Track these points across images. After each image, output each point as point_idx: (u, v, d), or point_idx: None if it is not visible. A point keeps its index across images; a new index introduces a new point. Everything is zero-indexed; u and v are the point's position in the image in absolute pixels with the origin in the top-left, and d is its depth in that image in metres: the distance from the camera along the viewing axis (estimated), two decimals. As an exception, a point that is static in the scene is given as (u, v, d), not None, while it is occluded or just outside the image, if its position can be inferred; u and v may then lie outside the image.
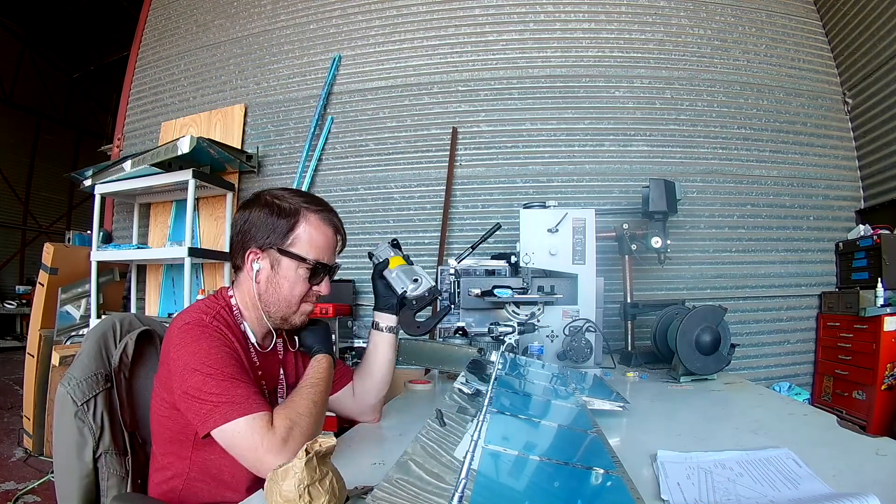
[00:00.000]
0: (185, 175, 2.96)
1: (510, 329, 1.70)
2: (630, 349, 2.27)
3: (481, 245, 2.27)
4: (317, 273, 0.99)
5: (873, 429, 2.39)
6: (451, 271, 2.06)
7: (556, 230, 1.97)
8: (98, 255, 3.20)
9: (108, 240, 3.55)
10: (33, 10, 7.65)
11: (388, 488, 0.57)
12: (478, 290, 1.86)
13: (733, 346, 1.63)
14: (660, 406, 1.41)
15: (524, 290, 1.91)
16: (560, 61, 3.15)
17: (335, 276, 1.06)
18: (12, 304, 7.38)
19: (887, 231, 2.69)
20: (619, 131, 3.07)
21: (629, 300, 2.34)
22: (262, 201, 0.97)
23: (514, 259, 2.05)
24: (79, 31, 8.12)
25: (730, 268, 2.98)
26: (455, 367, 1.58)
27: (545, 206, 2.08)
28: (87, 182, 3.31)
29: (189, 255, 2.90)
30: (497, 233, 2.26)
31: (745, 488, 0.73)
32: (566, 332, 1.83)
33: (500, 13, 3.23)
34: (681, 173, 2.95)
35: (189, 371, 0.83)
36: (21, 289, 7.88)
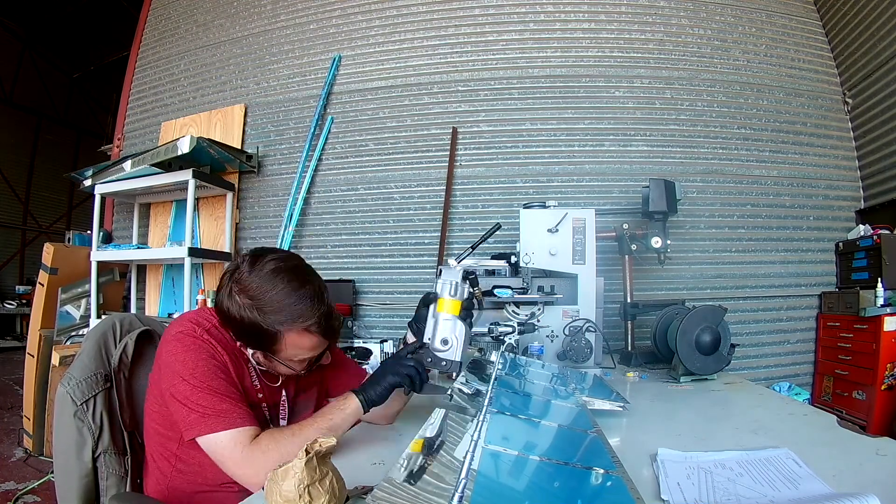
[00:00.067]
0: (185, 175, 2.96)
1: (510, 329, 1.70)
2: (630, 349, 2.27)
3: (481, 245, 2.26)
4: (311, 361, 0.98)
5: (873, 429, 2.39)
6: (451, 271, 2.05)
7: (556, 230, 1.97)
8: (98, 255, 3.20)
9: (108, 240, 3.55)
10: (33, 10, 7.65)
11: (388, 488, 0.57)
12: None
13: (733, 346, 1.63)
14: (660, 406, 1.41)
15: (524, 290, 1.91)
16: (560, 61, 3.15)
17: (339, 336, 1.02)
18: (12, 304, 7.38)
19: (887, 231, 2.69)
20: (619, 131, 3.07)
21: (629, 300, 2.34)
22: (241, 305, 0.88)
23: (514, 259, 2.05)
24: (79, 31, 8.11)
25: (730, 268, 2.98)
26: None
27: (545, 206, 2.08)
28: (87, 182, 3.31)
29: (189, 255, 2.91)
30: (497, 233, 2.24)
31: (745, 488, 0.73)
32: (566, 332, 1.83)
33: (500, 13, 3.23)
34: (681, 173, 2.95)
35: (178, 378, 0.87)
36: (21, 289, 7.87)
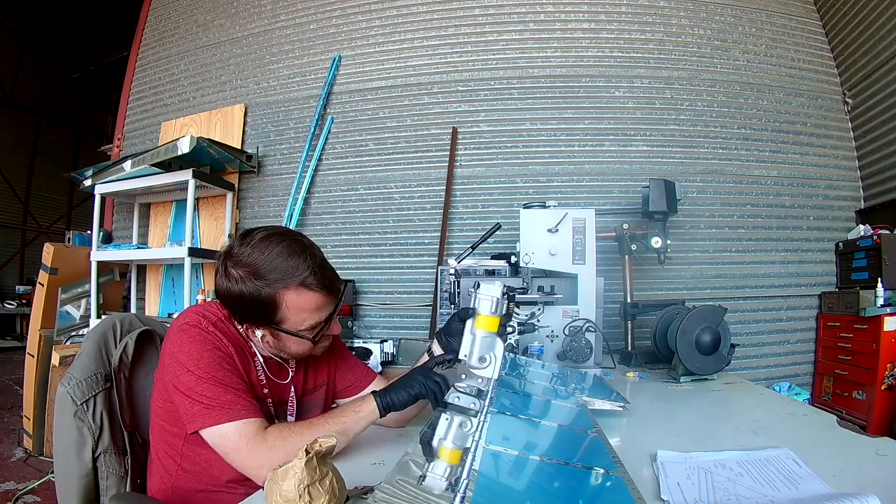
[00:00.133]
0: (185, 175, 2.96)
1: (510, 329, 1.70)
2: (630, 349, 2.27)
3: (481, 245, 2.27)
4: (319, 328, 0.97)
5: (873, 429, 2.39)
6: (451, 271, 2.06)
7: (556, 230, 1.97)
8: (98, 255, 3.20)
9: (108, 240, 3.55)
10: (33, 10, 7.65)
11: (388, 489, 0.57)
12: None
13: (733, 346, 1.63)
14: (660, 406, 1.41)
15: (524, 290, 1.91)
16: (560, 61, 3.14)
17: (339, 311, 1.00)
18: (12, 304, 7.38)
19: (887, 231, 2.69)
20: (619, 131, 3.07)
21: (629, 300, 2.34)
22: (237, 278, 0.89)
23: (514, 259, 2.05)
24: (79, 31, 8.11)
25: (730, 268, 2.98)
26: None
27: (545, 206, 2.08)
28: (87, 182, 3.31)
29: (189, 255, 2.91)
30: (497, 233, 2.26)
31: (745, 488, 0.73)
32: (566, 332, 1.83)
33: (500, 13, 3.23)
34: (681, 173, 2.94)
35: (182, 369, 0.87)
36: (21, 289, 7.87)
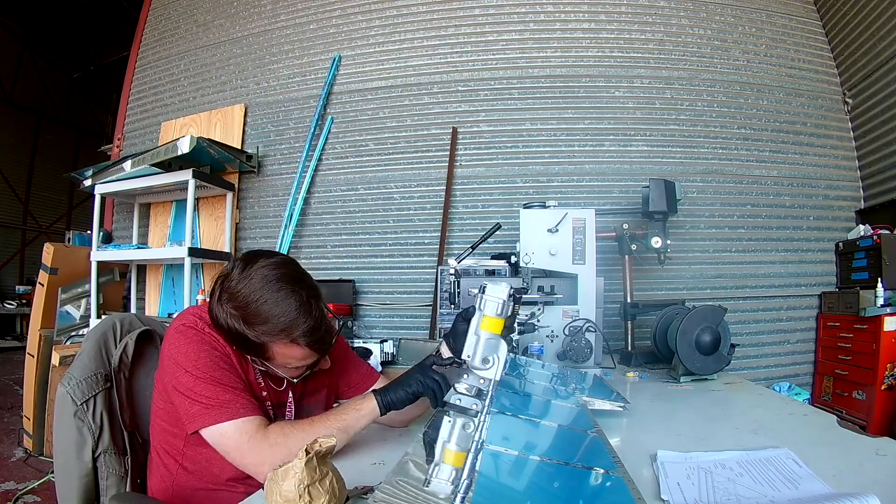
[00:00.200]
0: (185, 175, 2.96)
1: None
2: (630, 349, 2.27)
3: (481, 245, 2.27)
4: (307, 369, 0.96)
5: (873, 429, 2.39)
6: (451, 271, 2.06)
7: (556, 230, 1.97)
8: (98, 255, 3.20)
9: (108, 240, 3.55)
10: (33, 10, 7.65)
11: (388, 489, 0.57)
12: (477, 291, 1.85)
13: (733, 346, 1.63)
14: (660, 406, 1.41)
15: (524, 290, 1.91)
16: (560, 61, 3.15)
17: (331, 345, 0.96)
18: (12, 304, 7.38)
19: (887, 231, 2.69)
20: (619, 131, 3.07)
21: (629, 300, 2.34)
22: (228, 313, 0.87)
23: (514, 259, 2.05)
24: (79, 31, 8.11)
25: (730, 268, 2.98)
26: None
27: (545, 206, 2.08)
28: (87, 182, 3.31)
29: (189, 255, 2.91)
30: (497, 233, 2.26)
31: (745, 488, 0.73)
32: (566, 332, 1.83)
33: (500, 13, 3.23)
34: (681, 173, 2.94)
35: (181, 370, 0.88)
36: (21, 289, 7.87)
